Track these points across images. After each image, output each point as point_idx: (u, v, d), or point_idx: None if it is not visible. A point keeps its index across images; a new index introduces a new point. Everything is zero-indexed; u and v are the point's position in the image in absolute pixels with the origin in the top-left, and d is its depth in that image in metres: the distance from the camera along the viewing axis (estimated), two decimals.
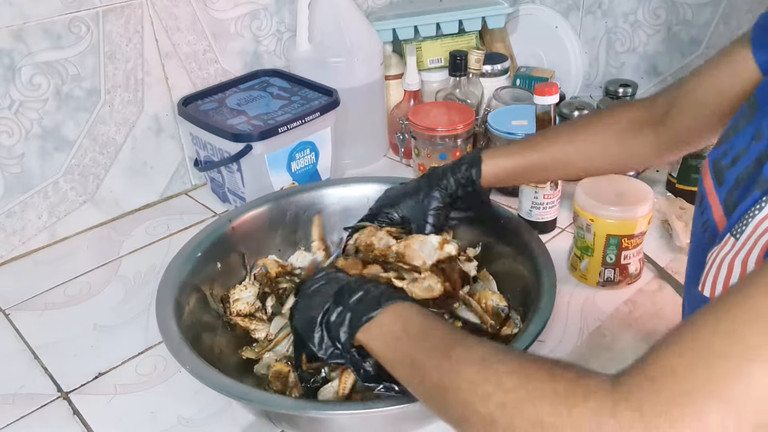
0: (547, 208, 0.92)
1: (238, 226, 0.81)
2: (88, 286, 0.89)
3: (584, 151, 0.73)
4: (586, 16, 1.25)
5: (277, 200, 0.86)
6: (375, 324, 0.55)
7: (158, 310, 0.67)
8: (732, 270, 0.49)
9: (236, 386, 0.59)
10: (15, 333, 0.82)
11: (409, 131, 1.05)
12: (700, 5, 1.09)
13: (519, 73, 1.22)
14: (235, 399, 0.59)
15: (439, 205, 0.76)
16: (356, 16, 1.09)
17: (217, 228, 0.80)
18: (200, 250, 0.76)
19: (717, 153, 0.54)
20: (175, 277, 0.72)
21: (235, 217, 0.82)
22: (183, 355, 0.61)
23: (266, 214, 0.85)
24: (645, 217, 0.79)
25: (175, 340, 0.63)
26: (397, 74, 1.20)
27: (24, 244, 0.96)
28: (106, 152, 1.00)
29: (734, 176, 0.50)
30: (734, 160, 0.51)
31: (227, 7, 1.05)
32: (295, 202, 0.87)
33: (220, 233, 0.80)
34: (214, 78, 1.08)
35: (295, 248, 0.86)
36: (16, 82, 0.88)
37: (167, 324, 0.65)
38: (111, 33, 0.94)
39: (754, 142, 0.49)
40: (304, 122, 0.95)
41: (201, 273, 0.75)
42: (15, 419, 0.70)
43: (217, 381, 0.59)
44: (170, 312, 0.67)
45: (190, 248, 0.76)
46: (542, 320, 0.62)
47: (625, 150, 0.71)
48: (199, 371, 0.60)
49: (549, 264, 0.70)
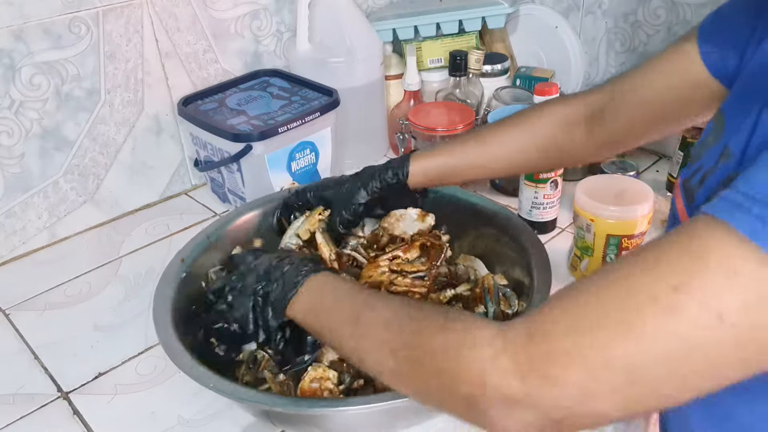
0: (547, 208, 0.92)
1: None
2: (88, 286, 0.89)
3: (515, 149, 0.73)
4: (586, 16, 1.25)
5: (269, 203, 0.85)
6: (297, 300, 0.59)
7: (156, 313, 0.67)
8: None
9: (238, 390, 0.59)
10: (15, 333, 0.82)
11: (409, 131, 1.05)
12: (700, 5, 1.09)
13: (519, 73, 1.22)
14: (236, 401, 0.59)
15: (362, 201, 0.77)
16: (356, 16, 1.09)
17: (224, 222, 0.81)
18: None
19: (688, 173, 0.54)
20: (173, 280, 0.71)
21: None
22: (200, 373, 0.61)
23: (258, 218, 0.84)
24: (645, 217, 0.79)
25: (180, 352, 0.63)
26: (397, 74, 1.20)
27: (24, 244, 0.96)
28: (106, 152, 1.00)
29: (704, 196, 0.50)
30: (702, 179, 0.51)
31: (227, 7, 1.05)
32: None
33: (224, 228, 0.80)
34: (214, 78, 1.08)
35: None
36: (16, 82, 0.88)
37: (167, 334, 0.65)
38: (111, 33, 0.94)
39: (722, 161, 0.48)
40: (304, 122, 0.95)
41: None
42: (15, 419, 0.70)
43: (220, 385, 0.59)
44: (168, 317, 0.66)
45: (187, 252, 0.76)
46: None
47: (557, 147, 0.71)
48: (197, 374, 0.60)
49: (545, 264, 0.70)
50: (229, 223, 0.82)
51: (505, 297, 0.74)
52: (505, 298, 0.74)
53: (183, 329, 0.66)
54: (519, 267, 0.75)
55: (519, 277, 0.75)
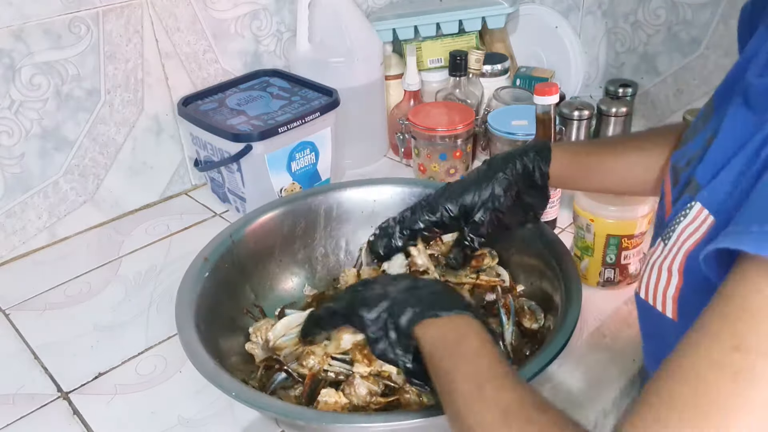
0: (547, 209, 0.92)
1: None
2: (88, 286, 0.89)
3: (628, 163, 0.69)
4: (586, 16, 1.25)
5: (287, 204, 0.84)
6: (436, 324, 0.54)
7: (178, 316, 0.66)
8: (660, 275, 0.49)
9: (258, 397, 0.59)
10: (15, 333, 0.82)
11: (409, 131, 1.05)
12: (700, 5, 1.09)
13: (519, 73, 1.22)
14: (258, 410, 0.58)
15: (503, 190, 0.70)
16: (356, 16, 1.09)
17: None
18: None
19: (677, 155, 0.54)
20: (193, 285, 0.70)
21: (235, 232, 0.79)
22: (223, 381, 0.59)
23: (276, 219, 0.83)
24: (645, 217, 0.79)
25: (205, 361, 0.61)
26: (397, 74, 1.20)
27: (24, 244, 0.96)
28: (106, 152, 1.00)
29: (686, 178, 0.50)
30: (688, 162, 0.51)
31: (227, 7, 1.05)
32: (307, 204, 0.85)
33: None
34: (214, 78, 1.08)
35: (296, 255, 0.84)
36: (16, 82, 0.88)
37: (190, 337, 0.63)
38: (111, 33, 0.94)
39: (708, 145, 0.48)
40: (304, 122, 0.95)
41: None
42: (15, 419, 0.70)
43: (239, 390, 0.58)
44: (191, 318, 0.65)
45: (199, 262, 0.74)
46: (564, 337, 0.61)
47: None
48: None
49: (575, 278, 0.67)
50: (251, 222, 0.81)
51: (530, 310, 0.73)
52: (530, 311, 0.73)
53: (205, 329, 0.65)
54: (547, 280, 0.72)
55: (547, 289, 0.72)
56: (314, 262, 0.85)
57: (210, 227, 1.01)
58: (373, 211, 0.85)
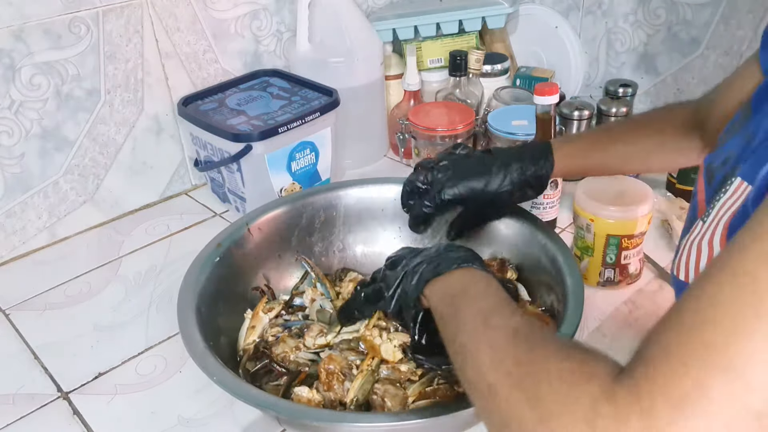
0: (547, 208, 0.92)
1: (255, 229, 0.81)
2: (88, 286, 0.89)
3: (643, 151, 0.73)
4: (586, 16, 1.25)
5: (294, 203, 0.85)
6: (441, 280, 0.56)
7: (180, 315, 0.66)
8: (700, 252, 0.50)
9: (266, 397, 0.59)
10: (15, 333, 0.82)
11: (409, 131, 1.05)
12: (700, 5, 1.09)
13: (519, 73, 1.22)
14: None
15: (510, 188, 0.72)
16: (356, 16, 1.09)
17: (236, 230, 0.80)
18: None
19: (712, 157, 0.55)
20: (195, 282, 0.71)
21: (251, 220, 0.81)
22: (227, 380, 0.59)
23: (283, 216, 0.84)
24: (645, 217, 0.79)
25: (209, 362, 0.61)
26: (397, 74, 1.20)
27: (24, 244, 0.96)
28: (106, 152, 1.00)
29: (721, 176, 0.51)
30: (724, 161, 0.51)
31: (227, 7, 1.05)
32: (312, 203, 0.85)
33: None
34: (214, 78, 1.08)
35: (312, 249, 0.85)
36: (16, 82, 0.88)
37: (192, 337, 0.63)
38: (111, 33, 0.94)
39: (748, 143, 0.49)
40: (304, 122, 0.95)
41: None
42: (15, 419, 0.70)
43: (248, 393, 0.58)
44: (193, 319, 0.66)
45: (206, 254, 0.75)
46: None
47: (678, 150, 0.72)
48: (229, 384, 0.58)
49: (579, 294, 0.67)
50: (267, 211, 0.82)
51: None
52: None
53: (207, 314, 0.66)
54: (555, 294, 0.71)
55: (553, 304, 0.71)
56: (331, 255, 0.87)
57: (210, 227, 1.01)
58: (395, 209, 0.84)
